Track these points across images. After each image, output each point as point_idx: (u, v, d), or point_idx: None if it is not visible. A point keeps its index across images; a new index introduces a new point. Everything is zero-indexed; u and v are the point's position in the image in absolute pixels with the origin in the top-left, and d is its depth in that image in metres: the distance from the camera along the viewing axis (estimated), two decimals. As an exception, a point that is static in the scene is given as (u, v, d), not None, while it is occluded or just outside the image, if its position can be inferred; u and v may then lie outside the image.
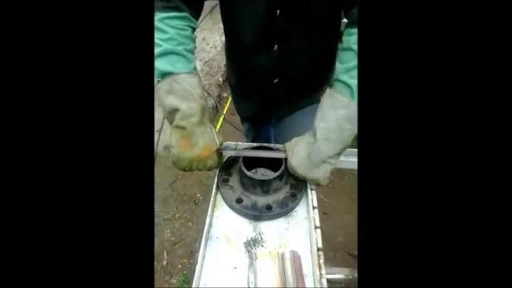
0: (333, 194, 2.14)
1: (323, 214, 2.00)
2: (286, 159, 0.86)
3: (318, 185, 0.84)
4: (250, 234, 0.78)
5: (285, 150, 0.87)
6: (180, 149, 0.81)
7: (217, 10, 1.02)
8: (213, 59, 3.34)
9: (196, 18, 0.90)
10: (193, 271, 1.81)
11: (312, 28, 0.95)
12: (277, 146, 0.94)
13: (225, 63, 1.29)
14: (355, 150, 0.89)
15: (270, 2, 0.88)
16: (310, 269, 0.71)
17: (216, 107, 2.89)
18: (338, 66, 0.83)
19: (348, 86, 0.78)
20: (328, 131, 0.78)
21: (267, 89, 1.11)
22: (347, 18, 0.87)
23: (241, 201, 0.83)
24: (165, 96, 0.80)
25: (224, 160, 0.94)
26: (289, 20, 0.92)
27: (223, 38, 1.06)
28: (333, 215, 2.05)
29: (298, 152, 0.82)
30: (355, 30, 0.80)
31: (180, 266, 1.84)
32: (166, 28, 0.82)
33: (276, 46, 0.98)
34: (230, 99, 3.06)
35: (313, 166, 0.80)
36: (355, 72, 0.77)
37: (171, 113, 0.81)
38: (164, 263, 1.84)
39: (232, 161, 0.94)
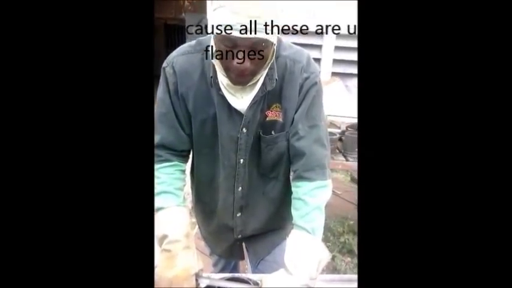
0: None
1: None
2: None
3: None
4: None
5: (260, 284, 0.96)
6: (162, 269, 0.94)
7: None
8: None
9: (185, 162, 1.13)
10: None
11: (265, 171, 1.17)
12: (250, 276, 0.99)
13: (190, 193, 1.40)
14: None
15: (236, 153, 1.11)
16: None
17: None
18: (293, 212, 1.04)
19: (303, 227, 1.00)
20: (298, 265, 0.93)
21: (230, 223, 1.26)
22: (295, 172, 1.09)
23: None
24: (157, 225, 0.99)
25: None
26: (250, 166, 1.14)
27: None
28: None
29: (273, 279, 0.94)
30: (300, 183, 1.06)
31: None
32: (160, 175, 1.08)
33: (240, 188, 1.17)
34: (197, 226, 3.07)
35: None
36: (307, 217, 0.99)
37: (161, 239, 0.98)
38: None
39: None
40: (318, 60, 3.72)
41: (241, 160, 1.12)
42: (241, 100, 1.03)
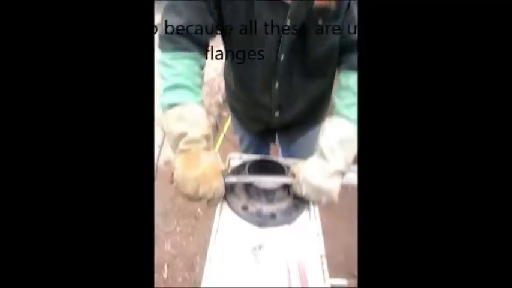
0: (332, 214, 2.14)
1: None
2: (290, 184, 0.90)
3: (327, 201, 0.88)
4: (255, 240, 0.82)
5: (292, 173, 0.90)
6: (184, 170, 0.80)
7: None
8: (213, 79, 3.42)
9: (205, 57, 0.95)
10: (195, 284, 1.81)
11: (311, 69, 1.04)
12: (281, 160, 0.99)
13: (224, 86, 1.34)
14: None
15: (276, 48, 0.95)
16: (314, 274, 0.75)
17: (217, 125, 2.95)
18: (337, 101, 0.93)
19: (347, 116, 0.88)
20: (333, 149, 0.85)
21: (268, 119, 1.19)
22: (344, 63, 0.96)
23: (247, 209, 0.87)
24: (174, 122, 0.84)
25: (230, 169, 0.98)
26: (291, 63, 0.99)
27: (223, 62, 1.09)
28: (333, 234, 2.04)
29: (309, 167, 0.87)
30: (352, 74, 0.91)
31: (180, 279, 1.84)
32: (176, 65, 0.88)
33: (277, 84, 1.05)
34: (230, 118, 3.11)
35: (325, 178, 0.84)
36: (354, 108, 0.87)
37: (178, 138, 0.83)
38: (164, 275, 1.85)
39: (238, 168, 0.99)
40: None
41: (282, 56, 0.97)
42: None
